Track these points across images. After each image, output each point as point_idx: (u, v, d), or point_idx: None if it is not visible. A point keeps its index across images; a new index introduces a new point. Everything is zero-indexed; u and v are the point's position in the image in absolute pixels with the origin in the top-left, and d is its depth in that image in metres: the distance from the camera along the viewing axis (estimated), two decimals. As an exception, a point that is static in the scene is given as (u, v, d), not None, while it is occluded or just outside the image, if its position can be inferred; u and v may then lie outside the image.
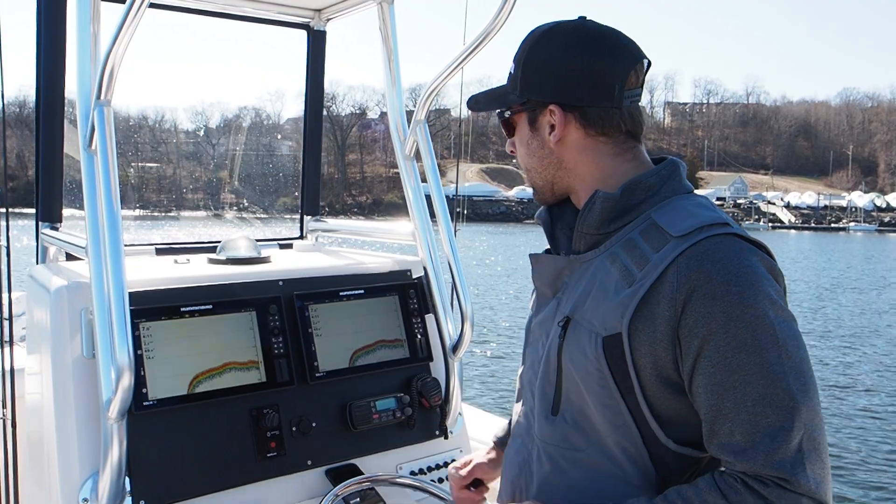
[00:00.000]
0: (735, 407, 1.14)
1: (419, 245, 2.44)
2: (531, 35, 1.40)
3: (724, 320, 1.14)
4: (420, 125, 2.45)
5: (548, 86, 1.36)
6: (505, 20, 1.97)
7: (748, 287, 1.15)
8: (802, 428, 1.12)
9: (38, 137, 2.33)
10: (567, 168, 1.40)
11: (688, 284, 1.17)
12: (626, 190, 1.31)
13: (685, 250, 1.19)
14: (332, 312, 2.23)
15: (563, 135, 1.37)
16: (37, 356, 2.01)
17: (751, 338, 1.14)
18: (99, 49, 1.85)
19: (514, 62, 1.41)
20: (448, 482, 1.81)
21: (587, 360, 1.27)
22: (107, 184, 1.68)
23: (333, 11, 2.88)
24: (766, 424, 1.12)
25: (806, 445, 1.12)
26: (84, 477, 1.77)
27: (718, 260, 1.17)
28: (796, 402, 1.12)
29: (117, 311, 1.60)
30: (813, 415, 1.13)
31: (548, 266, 1.44)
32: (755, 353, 1.13)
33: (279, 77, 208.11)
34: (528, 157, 1.44)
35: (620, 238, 1.30)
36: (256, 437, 1.98)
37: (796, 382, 1.13)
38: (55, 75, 2.32)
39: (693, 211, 1.26)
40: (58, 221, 2.39)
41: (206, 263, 2.33)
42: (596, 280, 1.30)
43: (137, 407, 1.82)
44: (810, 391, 1.14)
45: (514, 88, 1.41)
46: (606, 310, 1.25)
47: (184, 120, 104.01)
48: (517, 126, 1.45)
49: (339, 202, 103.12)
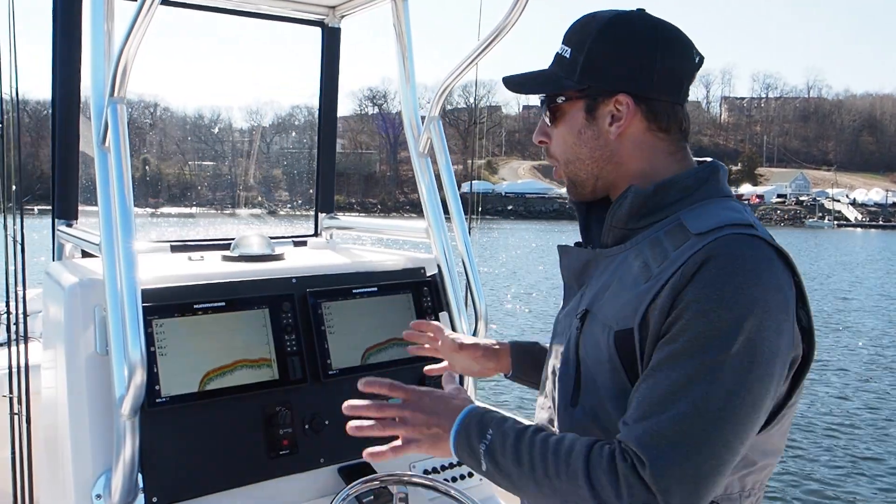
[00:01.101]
0: (652, 386, 1.14)
1: (433, 243, 2.43)
2: (594, 21, 1.35)
3: (696, 309, 1.12)
4: (434, 122, 2.44)
5: (618, 75, 1.32)
6: (519, 16, 1.96)
7: (737, 287, 1.12)
8: (698, 437, 1.09)
9: (54, 135, 2.34)
10: (617, 163, 1.36)
11: (689, 276, 1.15)
12: (659, 188, 1.30)
13: (702, 247, 1.17)
14: (346, 310, 2.22)
15: (626, 126, 1.33)
16: (51, 352, 2.02)
17: (707, 333, 1.11)
18: (113, 47, 1.86)
19: (572, 46, 1.34)
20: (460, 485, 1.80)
21: (600, 352, 1.27)
22: (120, 181, 1.68)
23: (348, 8, 2.88)
24: (668, 414, 1.11)
25: (689, 451, 1.09)
26: (97, 473, 1.78)
27: (722, 255, 1.14)
28: (707, 412, 1.09)
29: (130, 309, 1.60)
30: (716, 432, 1.09)
31: (575, 258, 1.44)
32: (700, 350, 1.11)
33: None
34: (577, 148, 1.37)
35: (648, 235, 1.29)
36: (269, 434, 1.98)
37: (721, 396, 1.10)
38: (71, 73, 2.33)
39: (719, 213, 1.24)
40: (73, 218, 2.41)
41: (219, 261, 2.33)
42: (617, 275, 1.30)
43: (150, 404, 1.82)
44: (733, 413, 1.10)
45: (571, 73, 1.34)
46: (621, 304, 1.25)
47: (238, 119, 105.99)
48: (566, 114, 1.37)
49: (391, 199, 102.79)
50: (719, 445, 1.10)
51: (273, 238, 2.55)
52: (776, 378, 1.14)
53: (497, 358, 1.77)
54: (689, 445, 1.09)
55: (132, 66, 1.67)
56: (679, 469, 1.09)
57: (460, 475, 2.31)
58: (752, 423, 1.13)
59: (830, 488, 7.80)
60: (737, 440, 1.11)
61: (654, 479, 1.09)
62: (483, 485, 2.34)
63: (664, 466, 1.09)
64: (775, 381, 1.14)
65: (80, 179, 2.41)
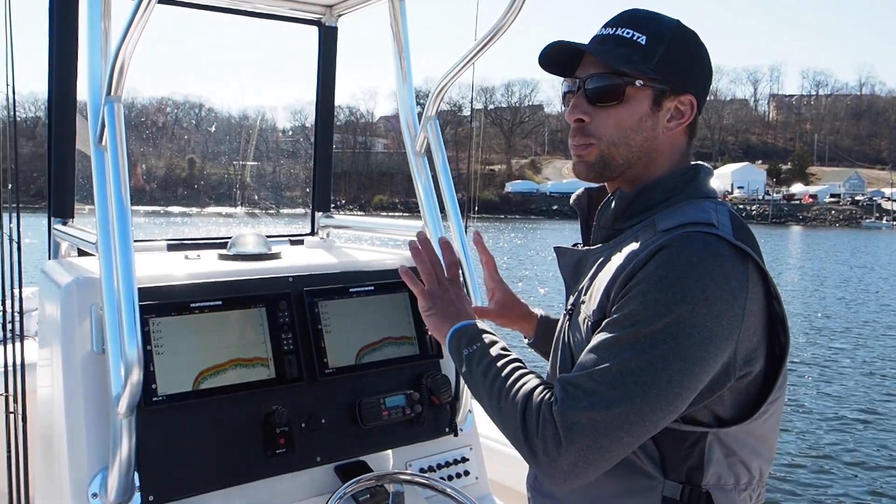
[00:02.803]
0: (587, 350, 1.25)
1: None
2: (664, 18, 1.39)
3: (638, 290, 1.21)
4: (431, 121, 2.44)
5: (692, 76, 1.39)
6: (515, 16, 1.97)
7: (677, 274, 1.19)
8: (609, 394, 1.17)
9: (50, 133, 2.34)
10: (652, 157, 1.40)
11: (641, 264, 1.23)
12: (642, 191, 1.37)
13: (660, 241, 1.24)
14: (342, 309, 2.22)
15: (684, 125, 1.40)
16: (48, 351, 2.02)
17: (640, 310, 1.20)
18: (110, 45, 1.86)
19: (647, 35, 1.35)
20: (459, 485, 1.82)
21: (582, 343, 1.33)
22: (116, 179, 1.68)
23: (345, 7, 2.88)
24: (588, 370, 1.21)
25: (597, 403, 1.18)
26: (93, 472, 1.78)
27: (672, 247, 1.22)
28: (622, 374, 1.18)
29: (127, 307, 1.60)
30: (626, 394, 1.17)
31: (569, 258, 1.51)
32: (631, 323, 1.20)
33: (374, 76, 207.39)
34: (632, 133, 1.37)
35: (629, 235, 1.36)
36: (265, 433, 1.98)
37: (639, 364, 1.17)
38: (67, 72, 2.33)
39: (689, 212, 1.30)
40: (70, 217, 2.40)
41: (216, 259, 2.33)
42: (600, 271, 1.37)
43: (146, 402, 1.82)
44: (647, 381, 1.17)
45: (647, 60, 1.34)
46: (597, 297, 1.32)
47: (282, 120, 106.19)
48: (632, 98, 1.36)
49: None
50: (627, 407, 1.17)
51: (269, 237, 2.55)
52: (709, 361, 1.20)
53: (527, 319, 1.85)
54: (598, 397, 1.18)
55: (129, 64, 1.67)
56: (584, 414, 1.18)
57: (456, 473, 2.31)
58: (666, 395, 1.18)
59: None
60: (647, 406, 1.18)
61: (562, 416, 1.19)
62: (479, 483, 2.35)
63: (571, 407, 1.19)
64: (706, 363, 1.20)
65: (76, 177, 2.41)
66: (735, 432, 1.28)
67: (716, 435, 1.27)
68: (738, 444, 1.30)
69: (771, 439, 1.37)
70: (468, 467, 2.34)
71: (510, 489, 2.58)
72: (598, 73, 1.37)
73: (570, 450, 1.17)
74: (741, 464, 1.31)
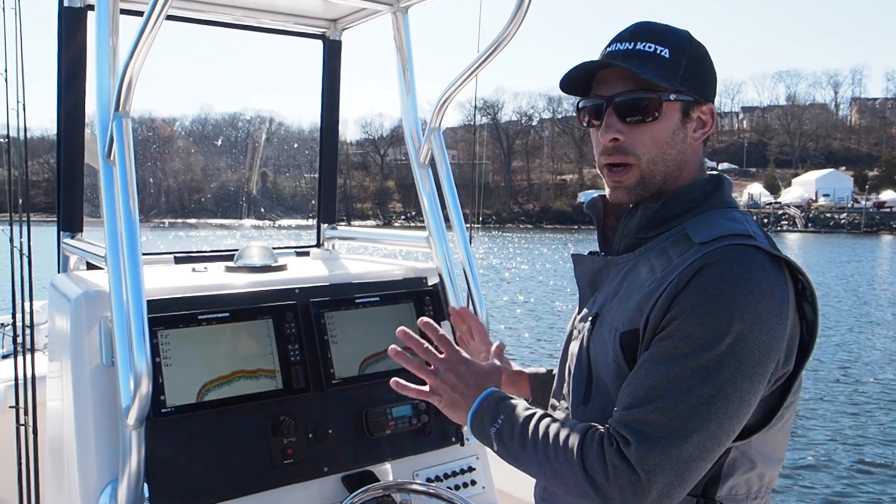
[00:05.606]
0: (643, 377, 1.21)
1: (434, 252, 2.45)
2: (676, 30, 1.40)
3: (691, 311, 1.19)
4: (435, 133, 2.46)
5: (710, 86, 1.42)
6: (518, 28, 1.98)
7: (729, 292, 1.18)
8: (684, 427, 1.16)
9: (59, 148, 2.36)
10: (682, 168, 1.41)
11: (686, 280, 1.22)
12: (667, 201, 1.37)
13: (701, 255, 1.23)
14: (348, 319, 2.24)
15: (707, 134, 1.42)
16: (57, 364, 2.03)
17: (699, 333, 1.18)
18: (118, 61, 1.88)
19: (670, 48, 1.35)
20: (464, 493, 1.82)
21: (607, 353, 1.33)
22: (125, 194, 1.70)
23: (349, 21, 2.91)
24: (655, 404, 1.18)
25: (674, 438, 1.16)
26: (103, 483, 1.79)
27: (718, 263, 1.21)
28: (693, 405, 1.16)
29: (136, 320, 1.62)
30: (701, 424, 1.16)
31: (588, 266, 1.51)
32: (692, 348, 1.18)
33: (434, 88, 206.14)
34: (668, 148, 1.37)
35: (655, 245, 1.36)
36: (273, 444, 1.99)
37: (708, 391, 1.16)
38: (76, 87, 2.36)
39: (722, 223, 1.30)
40: (78, 231, 2.43)
41: (223, 272, 2.35)
42: (626, 281, 1.37)
43: (155, 414, 1.83)
44: (718, 407, 1.16)
45: (673, 74, 1.34)
46: (627, 308, 1.31)
47: (354, 131, 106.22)
48: (665, 113, 1.35)
49: (505, 210, 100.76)
50: (703, 436, 1.16)
51: (275, 249, 2.57)
52: (766, 375, 1.21)
53: (516, 383, 1.79)
54: (675, 432, 1.16)
55: (137, 80, 1.70)
56: (663, 453, 1.15)
57: (463, 483, 2.32)
58: (738, 417, 1.19)
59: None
60: (721, 432, 1.18)
61: (639, 459, 1.16)
62: (486, 492, 2.35)
63: (649, 449, 1.16)
64: (765, 378, 1.21)
65: (84, 192, 2.44)
66: (755, 442, 1.28)
67: (738, 449, 1.27)
68: (757, 455, 1.30)
69: (783, 445, 1.37)
70: (475, 476, 2.34)
71: (517, 499, 2.58)
72: (629, 90, 1.35)
73: (654, 490, 1.15)
74: (752, 474, 1.31)
